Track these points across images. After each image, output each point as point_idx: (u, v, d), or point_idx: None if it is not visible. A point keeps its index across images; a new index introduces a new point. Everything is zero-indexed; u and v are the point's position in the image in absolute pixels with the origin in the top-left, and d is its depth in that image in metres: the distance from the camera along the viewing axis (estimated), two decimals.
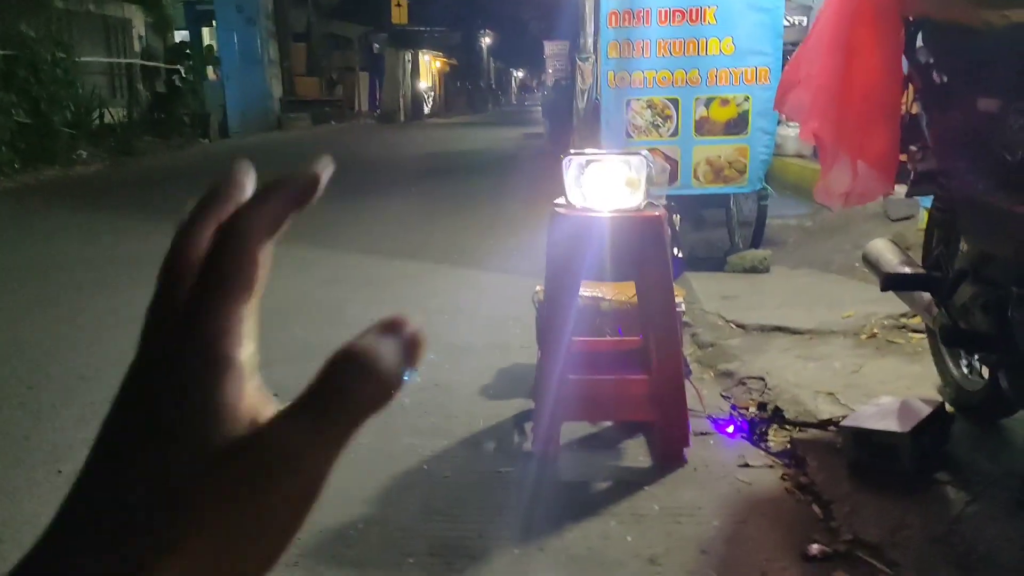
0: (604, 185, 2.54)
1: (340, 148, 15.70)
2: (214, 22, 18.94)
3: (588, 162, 2.56)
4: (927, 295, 2.48)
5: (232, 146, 15.31)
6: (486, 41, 45.77)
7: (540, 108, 19.95)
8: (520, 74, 56.58)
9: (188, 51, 16.60)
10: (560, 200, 2.62)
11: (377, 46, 29.15)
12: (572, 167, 2.56)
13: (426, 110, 30.49)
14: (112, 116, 13.23)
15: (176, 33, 17.74)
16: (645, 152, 2.57)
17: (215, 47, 18.41)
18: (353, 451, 1.14)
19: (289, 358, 3.54)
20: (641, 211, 2.53)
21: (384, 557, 2.06)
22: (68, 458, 2.62)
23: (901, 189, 6.12)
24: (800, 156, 7.42)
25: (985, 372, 2.59)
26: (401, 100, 28.19)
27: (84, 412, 2.98)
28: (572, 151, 2.63)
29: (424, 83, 33.17)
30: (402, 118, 26.51)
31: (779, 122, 7.14)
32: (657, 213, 2.54)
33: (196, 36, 19.05)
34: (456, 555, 2.06)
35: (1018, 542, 1.91)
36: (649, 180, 2.55)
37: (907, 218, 5.31)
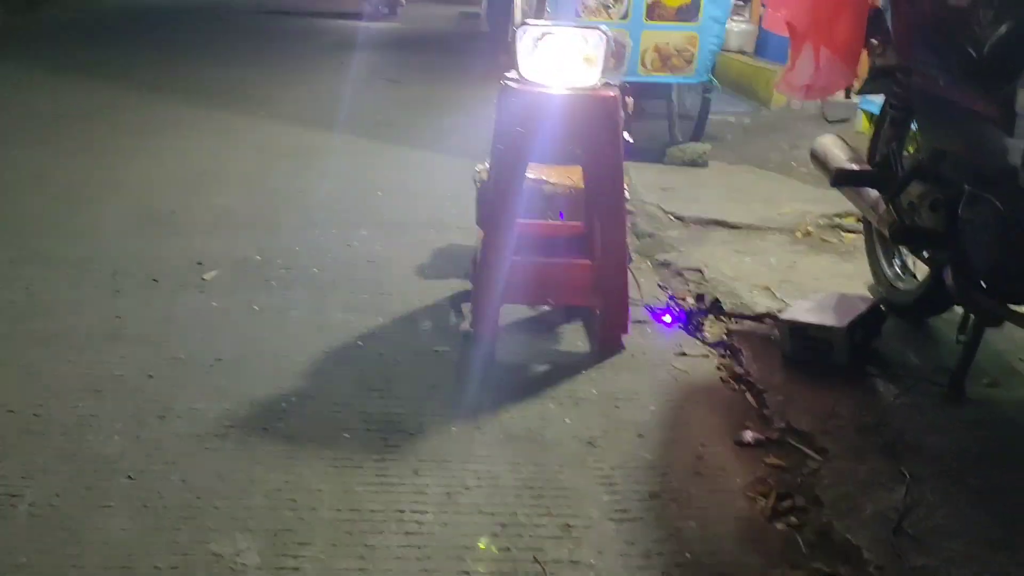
0: (559, 60, 2.42)
1: (262, 12, 14.87)
2: None
3: (543, 34, 2.43)
4: (874, 192, 2.48)
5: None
6: None
7: None
8: None
9: None
10: (511, 73, 2.49)
11: None
12: (526, 39, 2.43)
13: None
14: None
15: None
16: (604, 27, 2.44)
17: None
18: (284, 321, 1.06)
19: (213, 226, 3.41)
20: (597, 90, 2.43)
21: (318, 431, 2.01)
22: None
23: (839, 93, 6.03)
24: (743, 52, 7.32)
25: (918, 273, 2.64)
26: None
27: None
28: (528, 21, 2.49)
29: None
30: None
31: None
32: (613, 94, 2.44)
33: None
34: (392, 430, 2.02)
35: (944, 432, 1.97)
36: (607, 58, 2.45)
37: (843, 120, 5.33)
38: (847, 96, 4.69)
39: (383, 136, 5.16)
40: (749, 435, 2.06)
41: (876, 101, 3.42)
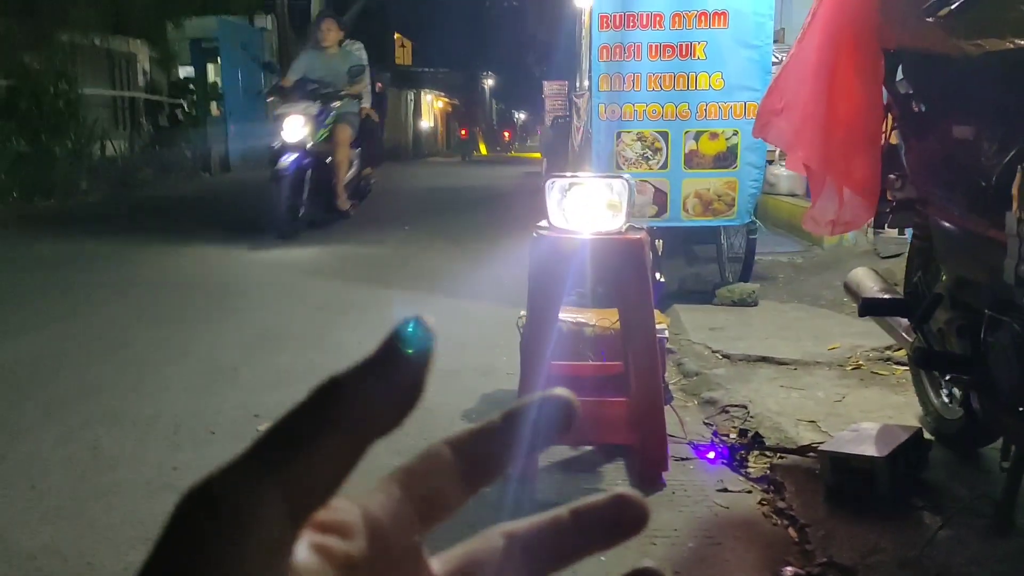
0: (586, 207, 2.56)
1: None
2: (219, 59, 19.15)
3: (570, 184, 2.59)
4: (905, 321, 2.48)
5: (232, 180, 15.41)
6: (488, 83, 46.28)
7: (539, 148, 20.17)
8: (522, 116, 57.12)
9: (191, 86, 16.78)
10: (543, 222, 2.64)
11: (380, 85, 29.49)
12: (554, 189, 2.59)
13: (426, 150, 30.97)
14: (114, 148, 13.34)
15: (181, 69, 17.95)
16: (627, 175, 2.59)
17: (219, 83, 18.59)
18: None
19: (273, 384, 3.56)
20: (623, 234, 2.54)
21: None
22: (44, 475, 2.61)
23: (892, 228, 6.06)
24: (793, 195, 7.46)
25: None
26: (403, 138, 28.55)
27: (62, 432, 2.98)
28: (555, 174, 2.66)
29: (426, 122, 33.54)
30: (404, 156, 26.75)
31: (771, 161, 7.21)
32: (638, 236, 2.55)
33: (201, 72, 19.24)
34: None
35: (988, 566, 1.90)
36: (631, 203, 2.58)
37: (896, 255, 5.34)
38: (900, 232, 4.71)
39: (445, 289, 5.37)
40: (789, 571, 2.02)
41: None
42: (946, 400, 2.68)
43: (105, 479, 2.57)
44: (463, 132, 32.44)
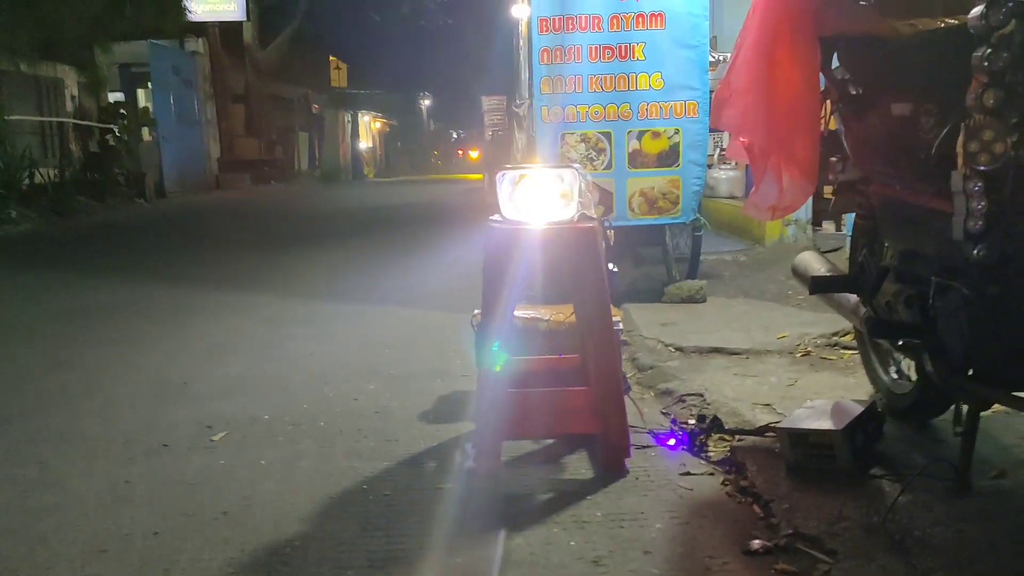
0: (537, 198, 2.57)
1: (281, 205, 15.63)
2: (149, 84, 18.81)
3: (521, 176, 2.59)
4: (854, 297, 2.54)
5: (168, 206, 15.12)
6: (426, 103, 46.33)
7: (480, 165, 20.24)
8: (462, 134, 57.19)
9: (123, 111, 16.43)
10: (496, 216, 2.64)
11: (316, 107, 29.31)
12: (505, 181, 2.59)
13: (365, 170, 30.82)
14: (43, 176, 12.96)
15: (113, 94, 17.57)
16: (577, 165, 2.61)
17: (151, 108, 18.23)
18: (290, 472, 1.17)
19: (224, 392, 3.48)
20: (575, 223, 2.56)
21: (321, 571, 1.99)
22: None
23: (829, 225, 6.25)
24: (732, 197, 7.61)
25: (914, 376, 2.65)
26: (342, 159, 28.40)
27: (6, 451, 2.87)
28: (507, 167, 2.66)
29: (364, 143, 33.42)
30: (343, 177, 26.57)
31: (710, 165, 7.34)
32: (590, 225, 2.57)
33: (132, 97, 18.87)
34: (395, 565, 2.00)
35: (951, 525, 1.94)
36: (582, 193, 2.59)
37: (836, 250, 5.46)
38: (837, 229, 4.77)
39: (394, 300, 5.33)
40: (757, 544, 2.03)
41: None
42: (895, 376, 2.75)
43: (54, 496, 2.48)
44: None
